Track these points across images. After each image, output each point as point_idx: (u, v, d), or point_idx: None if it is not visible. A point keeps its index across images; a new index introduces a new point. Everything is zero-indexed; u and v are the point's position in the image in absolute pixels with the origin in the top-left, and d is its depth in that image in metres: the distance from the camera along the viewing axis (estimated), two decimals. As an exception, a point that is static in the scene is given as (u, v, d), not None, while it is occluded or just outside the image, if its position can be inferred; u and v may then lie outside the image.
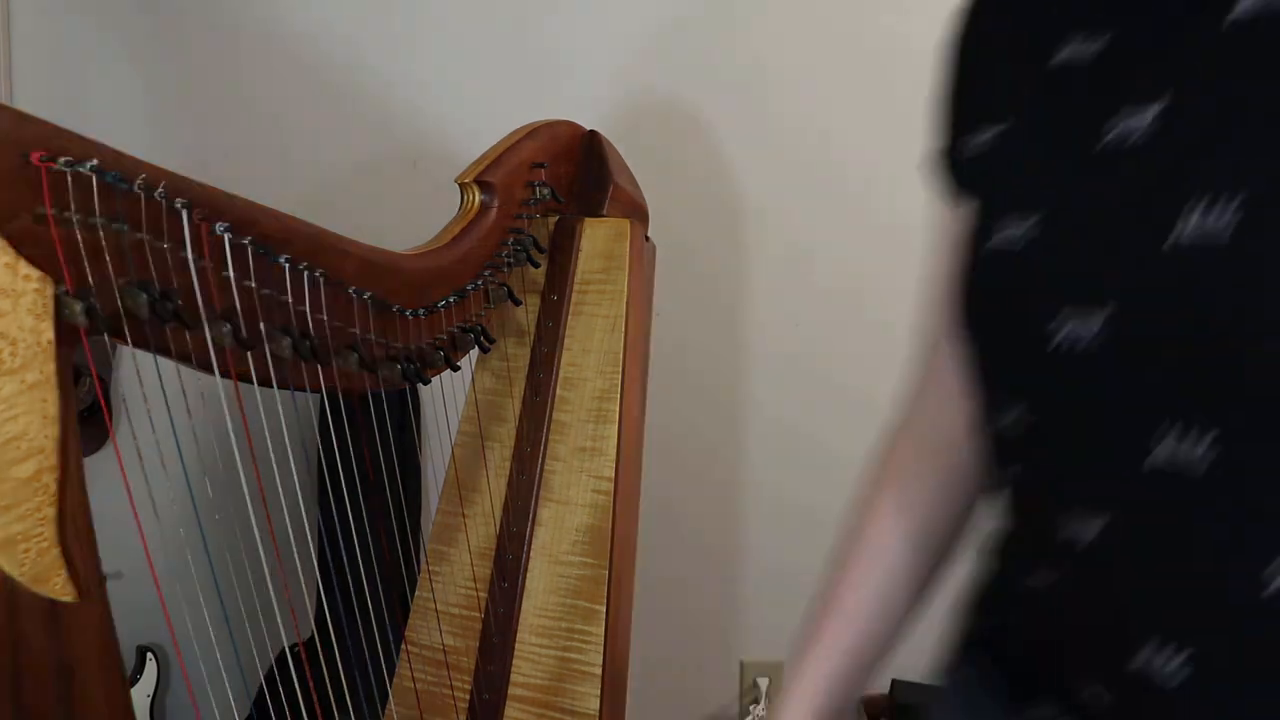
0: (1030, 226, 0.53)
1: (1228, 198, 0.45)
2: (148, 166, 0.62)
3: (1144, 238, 0.48)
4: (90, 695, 0.61)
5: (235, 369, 0.70)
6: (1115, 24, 0.53)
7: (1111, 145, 0.51)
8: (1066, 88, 0.55)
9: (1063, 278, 0.51)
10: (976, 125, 0.60)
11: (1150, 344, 0.48)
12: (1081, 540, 0.51)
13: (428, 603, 1.00)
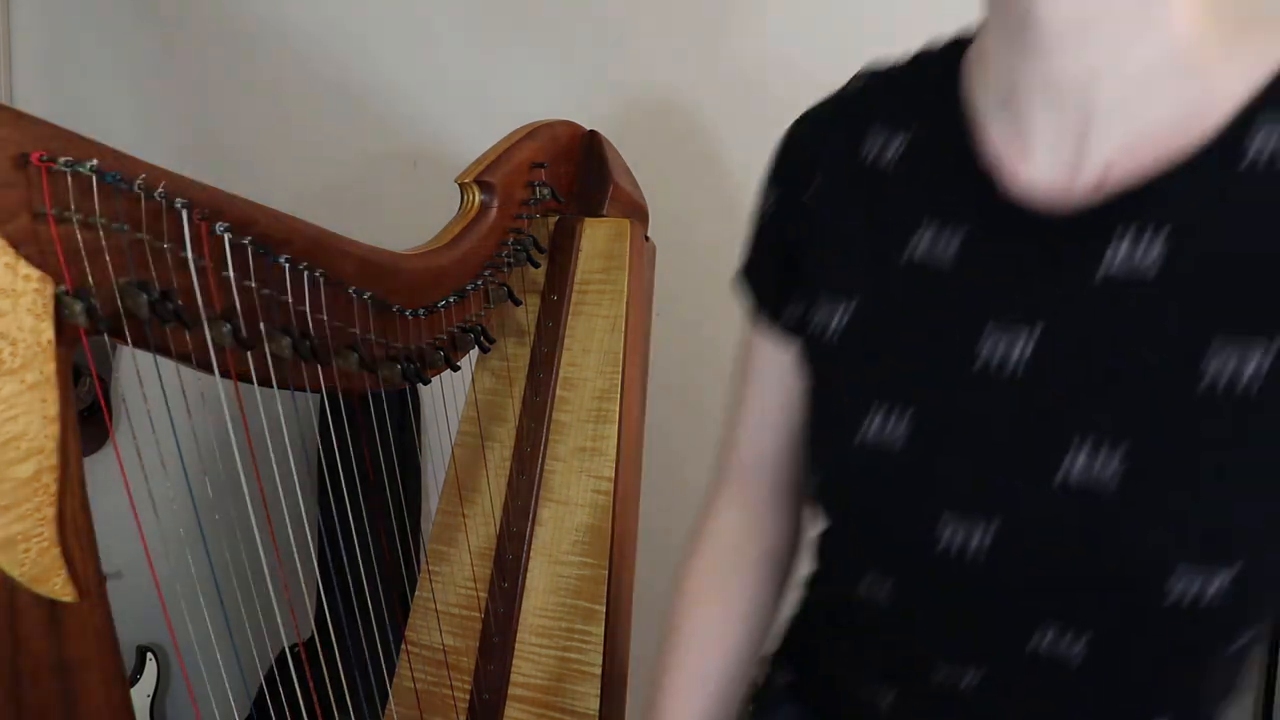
0: (904, 425, 0.57)
1: (1110, 445, 0.50)
2: (147, 166, 0.62)
3: (1031, 469, 0.53)
4: (90, 695, 0.61)
5: (235, 369, 0.70)
6: (966, 225, 0.57)
7: (990, 366, 0.55)
8: (929, 285, 0.58)
9: (946, 488, 0.56)
10: (821, 290, 0.63)
11: (1038, 562, 0.53)
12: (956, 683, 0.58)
13: (428, 602, 1.00)
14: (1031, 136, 0.55)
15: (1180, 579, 0.50)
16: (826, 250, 0.64)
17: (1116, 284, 0.52)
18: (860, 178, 0.62)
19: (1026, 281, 0.55)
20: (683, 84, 1.63)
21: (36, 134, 0.56)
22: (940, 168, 0.59)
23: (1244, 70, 0.50)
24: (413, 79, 1.69)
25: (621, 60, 1.65)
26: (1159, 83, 0.51)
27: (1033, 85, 0.54)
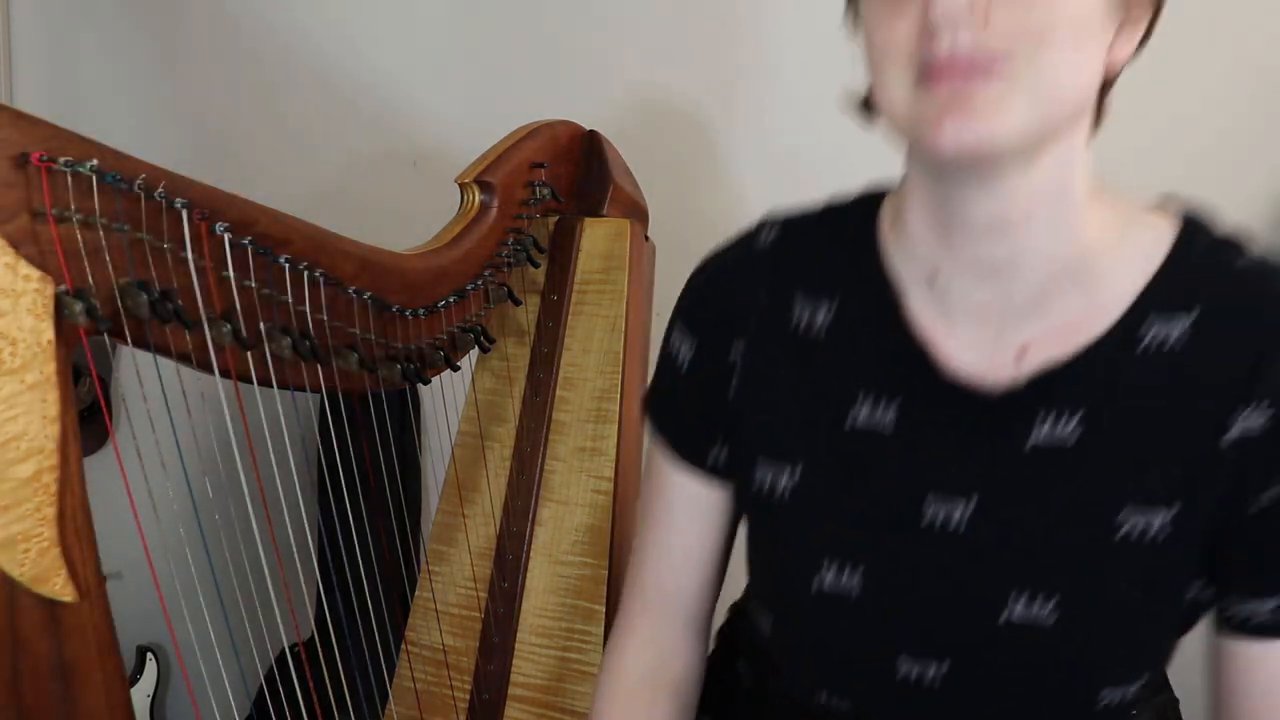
0: (858, 578, 0.64)
1: (1045, 596, 0.60)
2: (147, 166, 0.62)
3: (978, 612, 0.61)
4: (90, 695, 0.61)
5: (235, 369, 0.70)
6: (901, 396, 0.63)
7: (935, 526, 0.62)
8: (869, 453, 0.64)
9: (902, 634, 0.63)
10: (758, 455, 0.67)
11: (989, 686, 0.62)
12: None
13: (428, 602, 1.00)
14: (954, 315, 0.62)
15: (1108, 693, 0.61)
16: (761, 415, 0.68)
17: (1042, 452, 0.60)
18: (791, 345, 0.67)
19: (963, 453, 0.62)
20: (683, 84, 1.63)
21: (36, 134, 0.56)
22: (872, 340, 0.64)
23: (1132, 266, 0.59)
24: (413, 79, 1.69)
25: (622, 60, 1.65)
26: (1067, 280, 0.59)
27: (956, 270, 0.61)
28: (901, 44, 0.54)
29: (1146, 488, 0.58)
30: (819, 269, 0.67)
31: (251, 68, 1.72)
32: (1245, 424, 0.57)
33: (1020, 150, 0.54)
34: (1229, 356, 0.57)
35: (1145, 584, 0.59)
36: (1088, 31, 0.54)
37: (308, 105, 1.72)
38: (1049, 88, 0.53)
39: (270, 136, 1.73)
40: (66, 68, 1.78)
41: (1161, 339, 0.58)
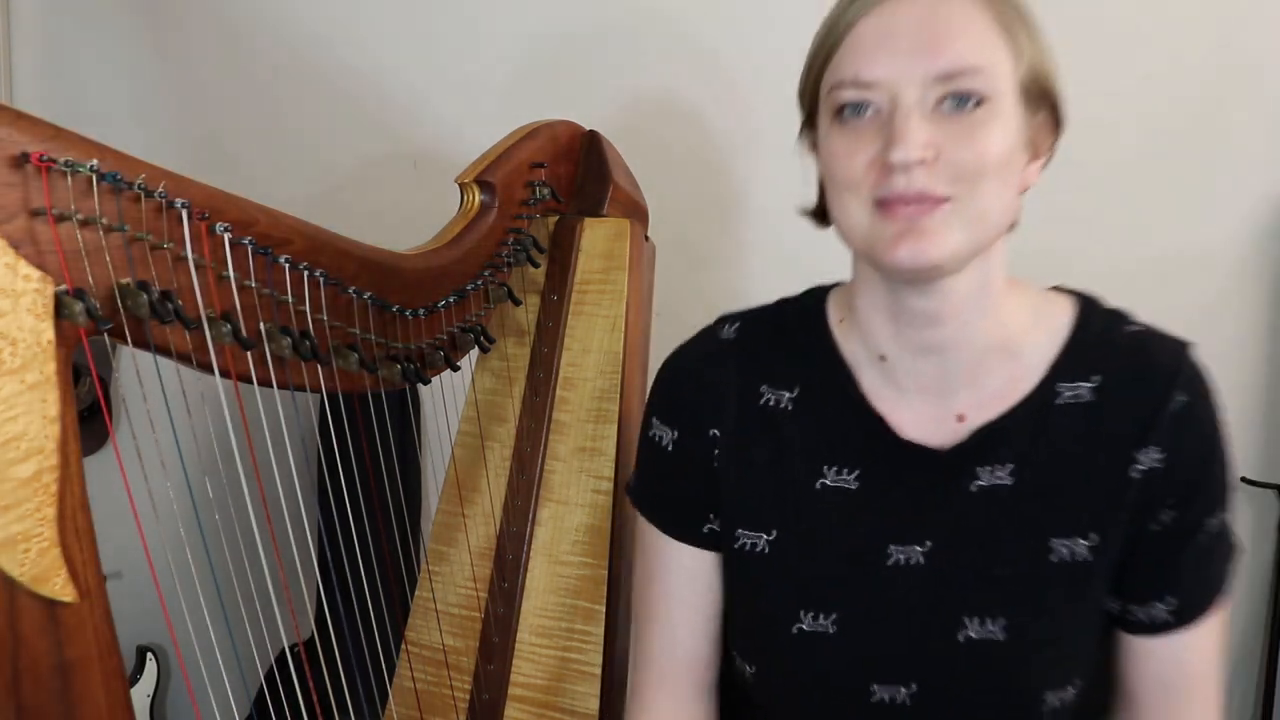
0: (832, 621, 0.74)
1: (993, 619, 0.71)
2: (147, 166, 0.62)
3: (940, 634, 0.72)
4: (90, 695, 0.61)
5: (235, 369, 0.70)
6: (861, 465, 0.75)
7: (896, 568, 0.73)
8: (836, 512, 0.75)
9: (874, 665, 0.74)
10: (739, 526, 0.77)
11: (952, 698, 0.73)
12: None
13: (428, 603, 1.00)
14: (903, 388, 0.74)
15: (1051, 696, 0.72)
16: (739, 489, 0.78)
17: (983, 496, 0.72)
18: (763, 423, 0.78)
19: (918, 504, 0.74)
20: (683, 84, 1.63)
21: (36, 134, 0.56)
22: (833, 416, 0.76)
23: (1045, 341, 0.73)
24: (413, 79, 1.69)
25: (622, 60, 1.65)
26: (994, 356, 0.73)
27: (904, 351, 0.73)
28: (860, 178, 0.67)
29: (1071, 518, 0.71)
30: (780, 356, 0.79)
31: (252, 68, 1.72)
32: (1146, 461, 0.70)
33: (958, 264, 0.67)
34: (1127, 410, 0.71)
35: (1075, 599, 0.72)
36: (1009, 170, 0.67)
37: (308, 105, 1.72)
38: (981, 217, 0.66)
39: (270, 136, 1.73)
40: (66, 68, 1.78)
41: (1074, 397, 0.72)
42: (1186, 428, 0.70)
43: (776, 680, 0.77)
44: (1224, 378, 1.88)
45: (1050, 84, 0.70)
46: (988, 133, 0.65)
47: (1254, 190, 1.63)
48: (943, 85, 0.64)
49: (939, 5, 0.65)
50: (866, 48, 0.66)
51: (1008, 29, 0.66)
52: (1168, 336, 0.75)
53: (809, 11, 0.91)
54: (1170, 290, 1.65)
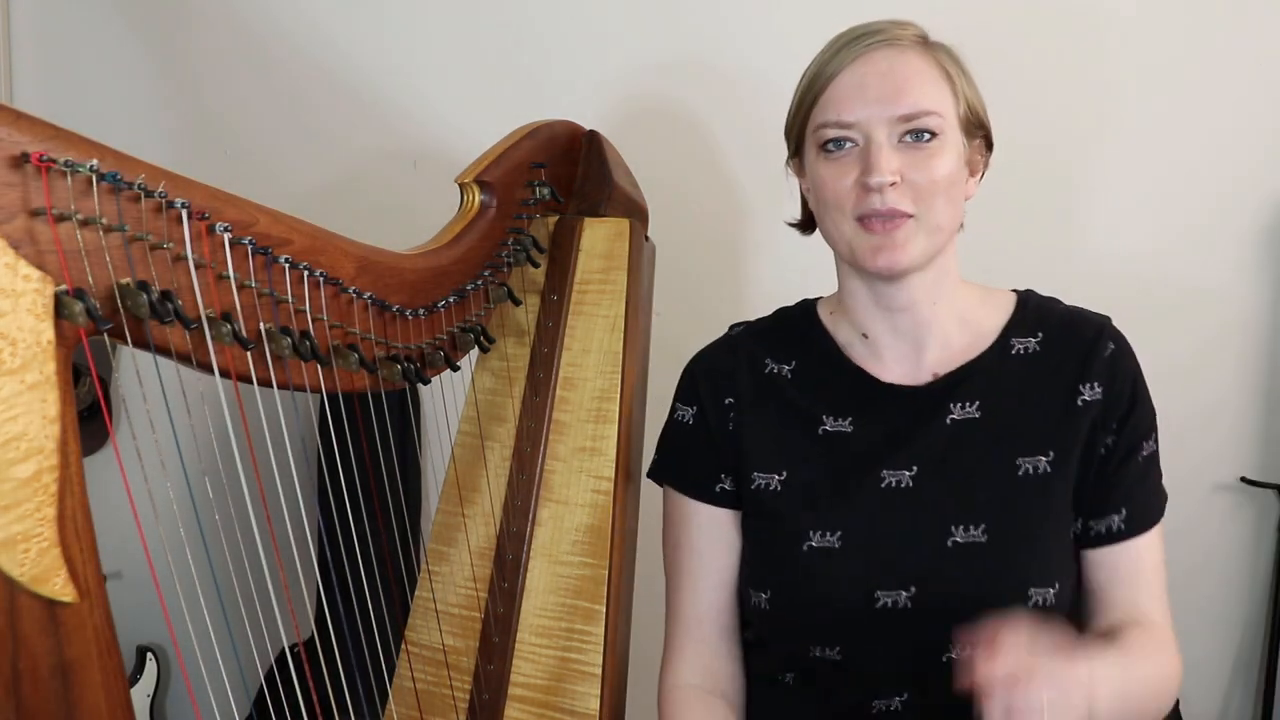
0: (837, 538, 0.89)
1: (975, 525, 0.87)
2: (147, 166, 0.62)
3: (931, 543, 0.87)
4: (90, 695, 0.61)
5: (235, 369, 0.70)
6: (854, 413, 0.93)
7: (889, 489, 0.90)
8: (836, 450, 0.92)
9: (876, 572, 0.87)
10: (754, 470, 0.94)
11: (945, 600, 0.85)
12: (890, 706, 0.89)
13: (428, 603, 1.00)
14: (884, 357, 0.94)
15: (1035, 592, 0.85)
16: (754, 440, 0.95)
17: (958, 424, 0.91)
18: (769, 388, 0.97)
19: (903, 436, 0.91)
20: (683, 84, 1.63)
21: (36, 133, 0.56)
22: (828, 378, 0.96)
23: (995, 315, 0.95)
24: (414, 79, 1.69)
25: (622, 60, 1.65)
26: (955, 327, 0.94)
27: (883, 332, 0.94)
28: (844, 196, 0.87)
29: (1032, 440, 0.89)
30: (780, 341, 0.99)
31: (252, 68, 1.72)
32: (1089, 394, 0.90)
33: (921, 264, 0.88)
34: (1068, 357, 0.91)
35: (1042, 505, 0.88)
36: (955, 188, 0.88)
37: (308, 106, 1.72)
38: (937, 228, 0.88)
39: (270, 137, 1.73)
40: (66, 68, 1.78)
41: (1024, 349, 0.93)
42: (1117, 368, 0.90)
43: (789, 600, 0.90)
44: (1224, 378, 1.89)
45: (982, 116, 0.92)
46: (939, 160, 0.86)
47: (1254, 190, 1.63)
48: (904, 125, 0.85)
49: (897, 62, 0.86)
50: (845, 96, 0.87)
51: (949, 77, 0.88)
52: (1092, 310, 0.96)
53: (808, 14, 0.91)
54: (1171, 290, 1.65)
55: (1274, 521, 1.72)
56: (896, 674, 0.89)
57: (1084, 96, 1.60)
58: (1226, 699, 1.79)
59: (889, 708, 0.89)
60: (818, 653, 0.90)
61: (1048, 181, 1.63)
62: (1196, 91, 1.60)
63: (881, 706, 0.90)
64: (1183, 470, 1.70)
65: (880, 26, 0.88)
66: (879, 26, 0.89)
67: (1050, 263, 1.65)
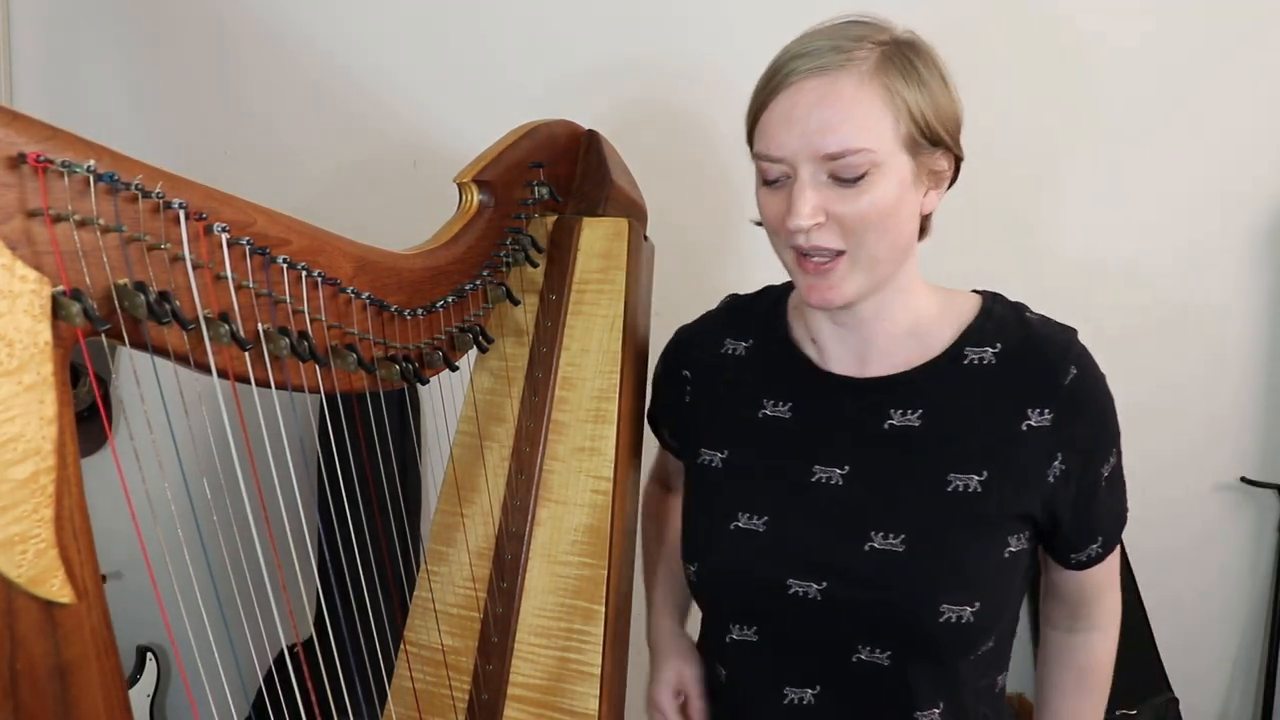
0: (762, 522, 0.91)
1: (895, 534, 0.86)
2: (145, 167, 0.62)
3: (848, 543, 0.87)
4: (88, 697, 0.61)
5: (233, 370, 0.70)
6: (794, 399, 0.94)
7: (819, 484, 0.90)
8: (774, 436, 0.93)
9: (793, 559, 0.89)
10: (701, 446, 0.98)
11: (853, 601, 0.86)
12: (801, 699, 0.92)
13: (427, 603, 1.00)
14: (829, 360, 0.93)
15: (947, 608, 0.84)
16: (703, 414, 1.00)
17: (895, 433, 0.89)
18: (723, 365, 1.00)
19: (840, 433, 0.91)
20: (682, 84, 1.63)
21: (33, 134, 0.56)
22: (776, 362, 0.97)
23: (953, 323, 0.91)
24: (413, 79, 1.69)
25: (622, 60, 1.65)
26: (906, 337, 0.90)
27: (831, 341, 0.93)
28: (779, 225, 0.84)
29: (968, 456, 0.86)
30: (745, 318, 1.02)
31: (252, 67, 1.72)
32: (1036, 419, 0.86)
33: (862, 298, 0.86)
34: (1024, 375, 0.87)
35: (966, 524, 0.86)
36: (893, 216, 0.83)
37: (308, 105, 1.72)
38: (872, 261, 0.84)
39: (270, 136, 1.73)
40: (66, 68, 1.78)
41: (979, 359, 0.89)
42: (1075, 397, 0.86)
43: (713, 572, 0.93)
44: (1224, 378, 1.89)
45: (938, 130, 0.84)
46: (870, 196, 0.81)
47: (1254, 190, 1.63)
48: (830, 164, 0.80)
49: (828, 94, 0.80)
50: (775, 128, 0.83)
51: (889, 101, 0.81)
52: (1057, 322, 0.91)
53: (807, 13, 0.91)
54: (1171, 290, 1.65)
55: (1274, 521, 1.72)
56: (807, 665, 0.91)
57: (1085, 101, 1.60)
58: (1226, 699, 1.78)
59: (800, 700, 0.91)
60: (736, 633, 0.93)
61: (1050, 185, 1.63)
62: (1199, 98, 1.60)
63: (794, 698, 0.91)
64: (1183, 470, 1.70)
65: (817, 46, 0.82)
66: (816, 46, 0.82)
67: (1050, 263, 1.65)
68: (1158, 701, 1.64)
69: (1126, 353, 1.65)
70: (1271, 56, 1.58)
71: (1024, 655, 1.74)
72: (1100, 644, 1.00)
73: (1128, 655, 1.36)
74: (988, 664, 0.92)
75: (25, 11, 1.77)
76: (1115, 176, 1.62)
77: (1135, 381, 1.66)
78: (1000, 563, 0.87)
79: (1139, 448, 1.72)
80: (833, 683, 0.90)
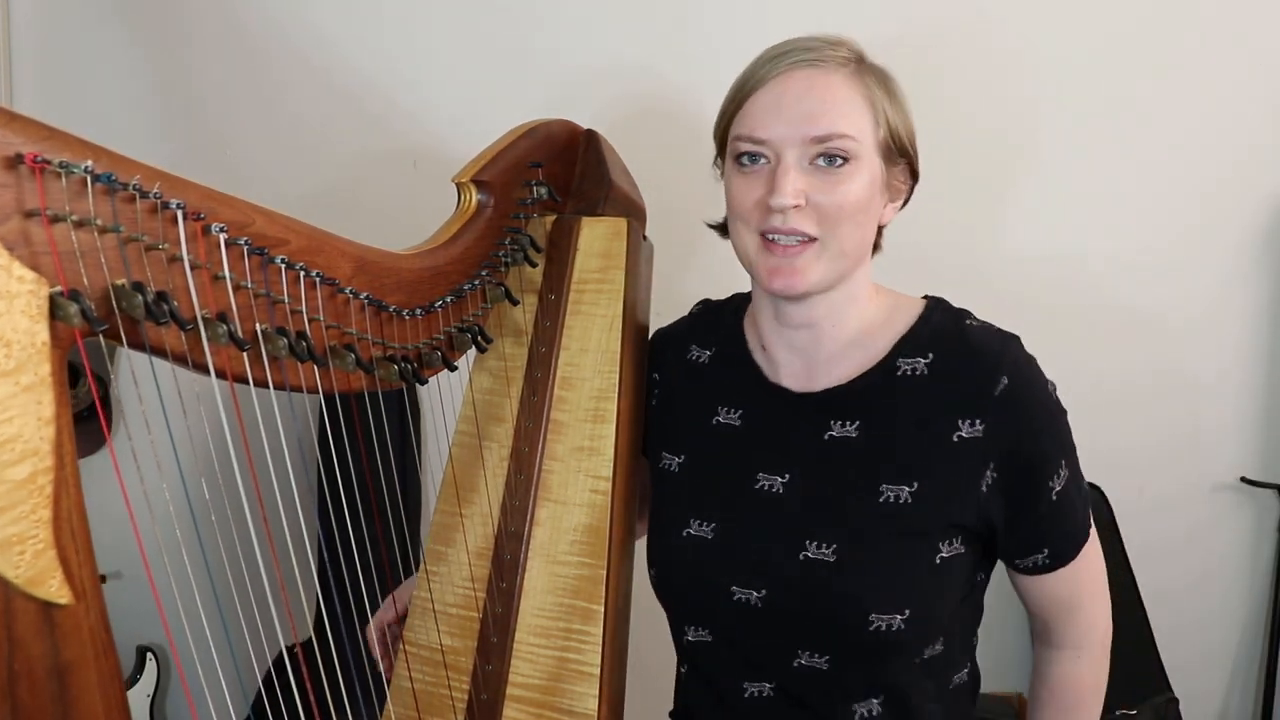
0: (711, 528, 0.94)
1: (827, 545, 0.88)
2: (142, 167, 0.62)
3: (786, 552, 0.89)
4: (86, 697, 0.61)
5: (231, 370, 0.70)
6: (744, 407, 0.97)
7: (762, 492, 0.92)
8: (724, 443, 0.96)
9: (735, 567, 0.91)
10: (663, 449, 1.02)
11: (790, 608, 0.89)
12: (760, 692, 0.94)
13: (426, 603, 1.00)
14: (779, 368, 0.96)
15: (876, 618, 0.85)
16: (667, 418, 1.04)
17: (834, 444, 0.91)
18: (688, 372, 1.03)
19: (784, 443, 0.93)
20: (682, 84, 1.63)
21: (30, 134, 0.56)
22: (731, 371, 0.99)
23: (890, 334, 0.92)
24: (413, 79, 1.69)
25: (621, 59, 1.65)
26: (851, 347, 0.92)
27: (779, 346, 0.95)
28: (750, 211, 0.87)
29: (900, 468, 0.87)
30: (712, 326, 1.05)
31: (251, 67, 1.72)
32: (967, 430, 0.86)
33: (822, 289, 0.88)
34: (956, 386, 0.87)
35: (896, 535, 0.87)
36: (865, 212, 0.86)
37: (308, 105, 1.72)
38: (840, 253, 0.86)
39: (270, 136, 1.73)
40: (66, 68, 1.78)
41: (911, 370, 0.89)
42: (1007, 407, 0.85)
43: (667, 578, 0.97)
44: (1224, 378, 1.89)
45: (905, 144, 0.89)
46: (848, 185, 0.84)
47: (1254, 191, 1.63)
48: (816, 147, 0.84)
49: (817, 83, 0.85)
50: (761, 112, 0.86)
51: (871, 102, 0.86)
52: (998, 330, 0.90)
53: (806, 13, 0.90)
54: (1171, 290, 1.64)
55: (1274, 521, 1.72)
56: (757, 664, 0.93)
57: (1078, 96, 1.60)
58: (1226, 699, 1.78)
59: (760, 693, 0.94)
60: (692, 634, 0.97)
61: (1047, 183, 1.63)
62: (1189, 95, 1.60)
63: (754, 690, 0.94)
64: (1183, 470, 1.70)
65: (810, 44, 0.87)
66: (809, 44, 0.87)
67: (1049, 262, 1.65)
68: (1158, 701, 1.64)
69: (1127, 353, 1.65)
70: (1261, 54, 1.58)
71: (1024, 655, 1.73)
72: (1075, 663, 0.97)
73: (1128, 655, 1.36)
74: (938, 666, 0.93)
75: (25, 11, 1.77)
76: (1110, 173, 1.62)
77: (1135, 381, 1.67)
78: (931, 570, 0.87)
79: (1138, 448, 1.72)
80: (782, 681, 0.93)
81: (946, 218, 1.54)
